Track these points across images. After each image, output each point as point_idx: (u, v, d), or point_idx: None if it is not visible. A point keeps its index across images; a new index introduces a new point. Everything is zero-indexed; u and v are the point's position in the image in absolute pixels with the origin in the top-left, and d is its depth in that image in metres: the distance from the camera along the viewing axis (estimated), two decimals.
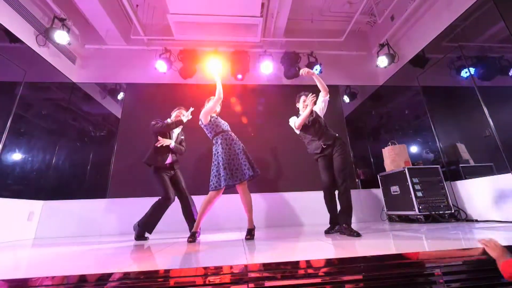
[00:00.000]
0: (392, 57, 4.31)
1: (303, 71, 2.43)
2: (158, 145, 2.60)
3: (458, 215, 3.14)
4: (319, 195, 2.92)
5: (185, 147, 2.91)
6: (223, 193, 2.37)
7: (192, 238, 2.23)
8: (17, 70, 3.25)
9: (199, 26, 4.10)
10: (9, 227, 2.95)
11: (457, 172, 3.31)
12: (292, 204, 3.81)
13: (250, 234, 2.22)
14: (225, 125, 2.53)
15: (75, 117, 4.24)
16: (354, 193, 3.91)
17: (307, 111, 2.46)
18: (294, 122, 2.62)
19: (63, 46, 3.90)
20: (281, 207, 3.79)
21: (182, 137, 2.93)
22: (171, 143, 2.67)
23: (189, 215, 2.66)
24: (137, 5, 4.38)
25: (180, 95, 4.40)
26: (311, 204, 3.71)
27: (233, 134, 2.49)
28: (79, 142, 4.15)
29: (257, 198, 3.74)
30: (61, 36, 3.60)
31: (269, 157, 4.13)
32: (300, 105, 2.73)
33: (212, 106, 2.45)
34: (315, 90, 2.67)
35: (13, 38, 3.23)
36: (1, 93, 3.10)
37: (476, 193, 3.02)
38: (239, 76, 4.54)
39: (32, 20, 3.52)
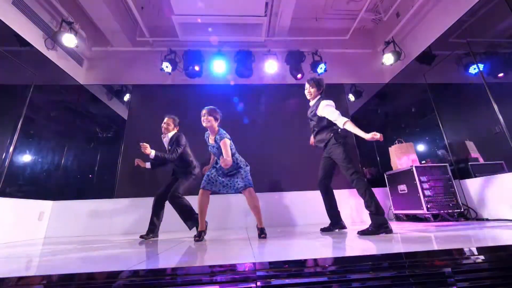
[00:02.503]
0: (398, 55, 4.25)
1: None
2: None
3: (467, 214, 3.08)
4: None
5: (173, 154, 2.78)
6: (229, 194, 2.42)
7: (199, 237, 2.25)
8: (27, 73, 3.32)
9: (203, 27, 4.13)
10: (21, 226, 3.01)
11: (466, 170, 3.25)
12: (296, 203, 3.80)
13: (263, 232, 2.23)
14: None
15: (83, 118, 4.31)
16: None
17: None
18: None
19: (71, 49, 3.97)
20: (286, 206, 3.78)
21: (170, 147, 2.83)
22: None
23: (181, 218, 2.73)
24: (142, 7, 4.43)
25: (185, 96, 4.44)
26: (316, 203, 3.68)
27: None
28: (87, 143, 4.22)
29: (262, 198, 3.74)
30: (69, 39, 3.66)
31: (272, 156, 4.13)
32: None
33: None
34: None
35: (23, 42, 3.31)
36: (12, 96, 3.18)
37: (486, 191, 2.96)
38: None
39: (41, 24, 3.59)
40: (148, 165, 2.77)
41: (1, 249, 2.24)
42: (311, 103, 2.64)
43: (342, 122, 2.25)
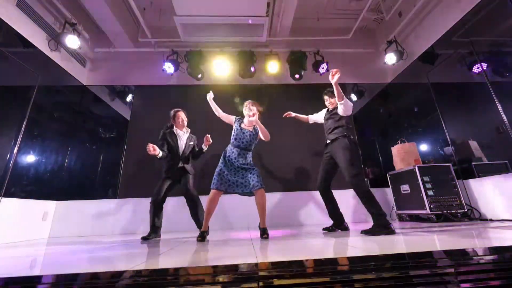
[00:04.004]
0: (400, 54, 4.24)
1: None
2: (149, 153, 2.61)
3: (471, 214, 3.06)
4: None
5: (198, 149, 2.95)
6: (229, 193, 2.43)
7: (201, 237, 2.26)
8: (31, 74, 3.35)
9: (205, 27, 4.13)
10: (25, 226, 3.04)
11: (470, 170, 3.23)
12: (298, 203, 3.79)
13: (265, 232, 2.23)
14: (232, 137, 2.54)
15: (86, 119, 4.34)
16: None
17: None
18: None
19: (74, 50, 4.00)
20: (288, 206, 3.78)
21: (191, 143, 2.93)
22: (159, 153, 2.65)
23: (194, 216, 2.74)
24: (144, 8, 4.45)
25: (187, 96, 4.45)
26: (318, 203, 3.68)
27: (229, 149, 2.50)
28: (90, 143, 4.25)
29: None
30: (72, 41, 3.69)
31: (274, 156, 4.12)
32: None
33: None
34: (321, 89, 2.71)
35: (27, 44, 3.34)
36: (16, 97, 3.21)
37: (490, 191, 2.94)
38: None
39: (44, 25, 3.62)
40: (160, 154, 2.65)
41: (5, 249, 2.26)
42: (332, 111, 2.69)
43: (341, 100, 2.42)
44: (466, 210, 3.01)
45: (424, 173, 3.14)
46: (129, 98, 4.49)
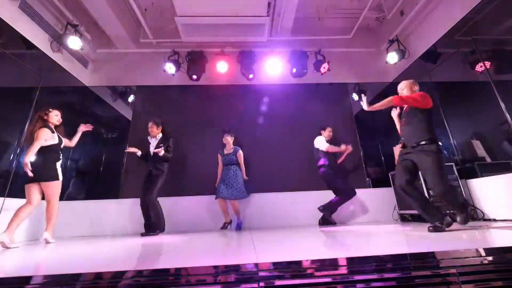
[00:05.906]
0: (402, 53, 4.21)
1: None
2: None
3: (474, 214, 3.04)
4: (326, 195, 2.90)
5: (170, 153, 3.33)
6: None
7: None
8: (34, 75, 3.37)
9: (206, 28, 4.13)
10: (27, 227, 3.06)
11: (473, 170, 3.20)
12: (300, 203, 3.78)
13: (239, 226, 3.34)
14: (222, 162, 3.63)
15: (88, 120, 4.35)
16: (364, 192, 3.87)
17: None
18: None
19: (76, 51, 4.02)
20: (288, 206, 3.77)
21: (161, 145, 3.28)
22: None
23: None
24: (145, 9, 4.46)
25: (188, 96, 4.46)
26: (317, 203, 3.67)
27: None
28: (92, 144, 4.27)
29: (264, 198, 3.76)
30: (74, 42, 3.71)
31: (274, 156, 4.12)
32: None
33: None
34: (321, 89, 2.69)
35: (29, 45, 3.35)
36: (19, 98, 3.23)
37: (494, 191, 2.91)
38: (250, 76, 4.52)
39: (46, 27, 3.64)
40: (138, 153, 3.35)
41: (7, 248, 2.28)
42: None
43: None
44: (469, 210, 2.99)
45: None
46: (131, 98, 4.51)
